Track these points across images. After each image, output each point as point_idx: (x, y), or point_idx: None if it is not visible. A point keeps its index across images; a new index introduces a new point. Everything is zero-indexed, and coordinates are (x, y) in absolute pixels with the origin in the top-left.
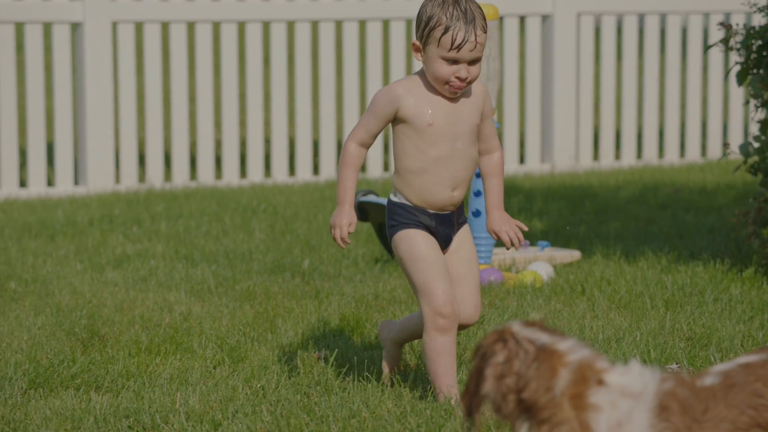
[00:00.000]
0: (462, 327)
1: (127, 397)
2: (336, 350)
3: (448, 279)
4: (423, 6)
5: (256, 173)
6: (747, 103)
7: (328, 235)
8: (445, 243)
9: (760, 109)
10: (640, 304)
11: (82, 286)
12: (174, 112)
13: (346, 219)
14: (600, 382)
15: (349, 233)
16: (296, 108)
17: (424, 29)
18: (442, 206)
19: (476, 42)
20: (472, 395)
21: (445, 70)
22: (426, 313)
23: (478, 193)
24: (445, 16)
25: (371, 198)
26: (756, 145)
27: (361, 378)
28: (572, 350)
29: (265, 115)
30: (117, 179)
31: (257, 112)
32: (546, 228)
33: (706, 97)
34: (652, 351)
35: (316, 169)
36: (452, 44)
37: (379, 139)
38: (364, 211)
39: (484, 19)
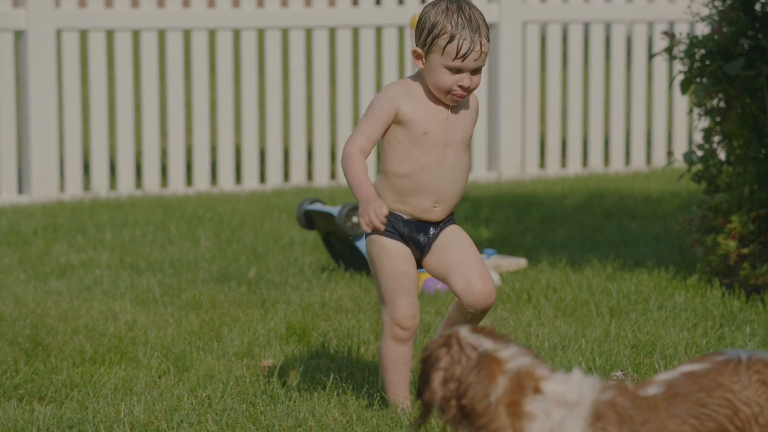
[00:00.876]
0: (483, 309)
1: (71, 408)
2: (282, 359)
3: (414, 292)
4: (425, 13)
5: (202, 181)
6: (691, 111)
7: (275, 243)
8: (419, 250)
9: (703, 118)
10: (586, 312)
11: (26, 296)
12: (119, 120)
13: (377, 202)
14: (537, 390)
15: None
16: (243, 116)
17: (427, 36)
18: (419, 216)
19: (481, 51)
20: (420, 400)
21: (449, 79)
22: (386, 321)
23: None
24: (450, 24)
25: (317, 206)
26: (699, 153)
27: (307, 387)
28: (513, 358)
29: (212, 124)
30: (61, 188)
31: (203, 120)
32: (492, 236)
33: (651, 105)
34: (597, 358)
35: (262, 178)
36: (457, 53)
37: (326, 148)
38: (310, 219)
39: (487, 26)
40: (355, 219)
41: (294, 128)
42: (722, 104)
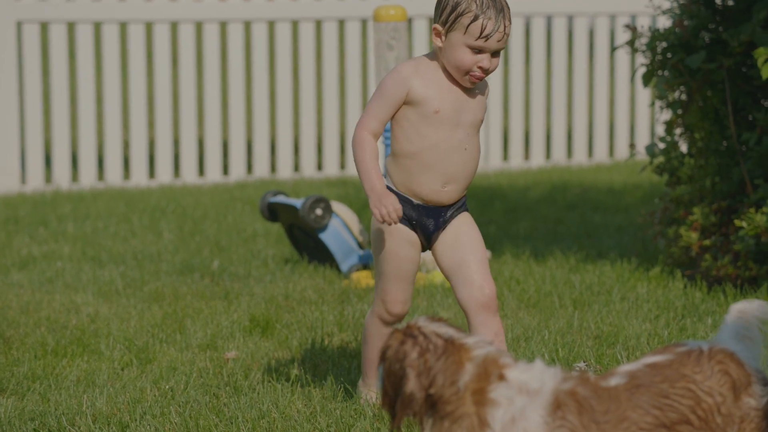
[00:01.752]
0: (485, 310)
1: (33, 400)
2: (246, 351)
3: (411, 278)
4: None
5: (165, 174)
6: (653, 104)
7: (238, 235)
8: (426, 236)
9: (665, 110)
10: (549, 303)
11: None
12: (81, 112)
13: (389, 198)
14: (501, 378)
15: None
16: (205, 109)
17: (450, 14)
18: (429, 200)
19: (504, 32)
20: (392, 399)
21: (469, 59)
22: (376, 299)
23: None
24: (475, 3)
25: (281, 199)
26: (662, 145)
27: (270, 379)
28: (478, 345)
29: (174, 116)
30: (23, 180)
31: (166, 113)
32: None
33: (614, 98)
34: (560, 349)
35: (225, 170)
36: (481, 33)
37: (290, 140)
38: (273, 212)
39: (509, 8)
40: (318, 211)
41: (257, 121)
42: (684, 97)
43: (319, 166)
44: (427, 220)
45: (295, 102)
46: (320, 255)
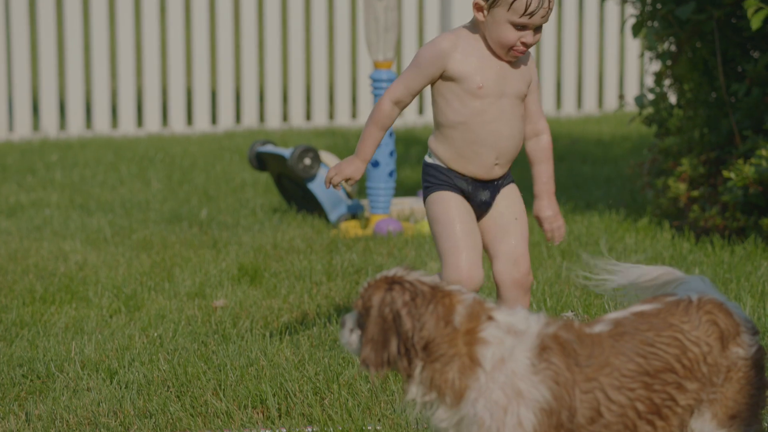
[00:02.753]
0: (517, 288)
1: (21, 346)
2: (234, 299)
3: (475, 248)
4: None
5: (153, 123)
6: (642, 55)
7: (227, 184)
8: (481, 209)
9: (654, 61)
10: (537, 254)
11: None
12: (68, 60)
13: (350, 168)
14: (490, 318)
15: (346, 181)
16: (193, 58)
17: None
18: (482, 174)
19: (548, 8)
20: (379, 344)
21: (512, 35)
22: (448, 277)
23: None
24: None
25: (269, 148)
26: (650, 96)
27: (259, 327)
28: (461, 291)
29: (162, 65)
30: (10, 128)
31: (154, 62)
32: None
33: (603, 49)
34: (548, 299)
35: (214, 119)
36: (525, 10)
37: (278, 90)
38: (262, 161)
39: None
40: (307, 161)
41: (245, 70)
42: (673, 48)
43: (308, 116)
44: (480, 194)
45: (283, 51)
46: (309, 205)
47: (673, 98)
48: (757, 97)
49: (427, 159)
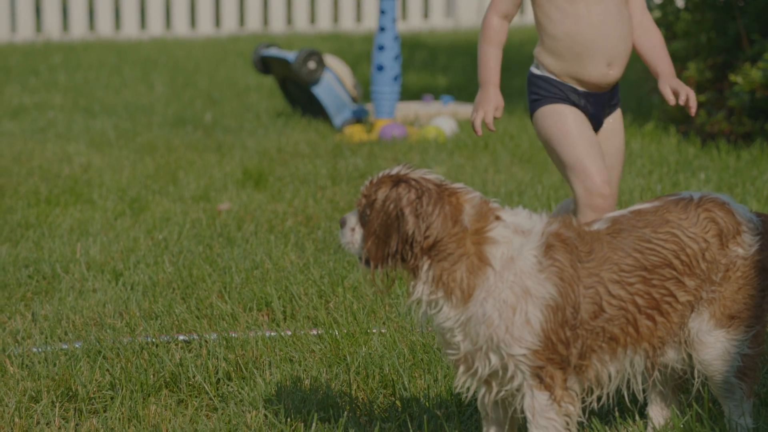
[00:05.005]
0: (598, 214)
1: (27, 247)
2: (238, 203)
3: (602, 157)
4: None
5: (156, 26)
6: None
7: (231, 88)
8: (593, 125)
9: None
10: (542, 159)
11: None
12: None
13: (492, 102)
14: (498, 218)
15: (495, 118)
16: None
17: None
18: (595, 83)
19: None
20: (383, 243)
21: None
22: (580, 192)
23: (381, 47)
24: None
25: (274, 52)
26: (658, 0)
27: (263, 230)
28: (467, 190)
29: None
30: (12, 29)
31: None
32: (450, 83)
33: None
34: (553, 204)
35: (217, 22)
36: None
37: None
38: (266, 64)
39: None
40: (311, 65)
41: None
42: None
43: (312, 19)
44: (593, 109)
45: None
46: (313, 109)
47: (680, 1)
48: (765, 0)
49: (534, 70)
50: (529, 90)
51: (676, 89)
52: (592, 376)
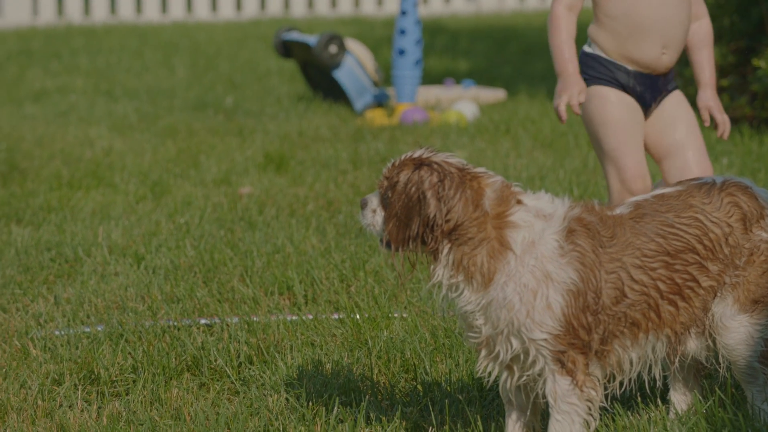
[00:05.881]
0: None
1: (49, 231)
2: (260, 187)
3: (641, 149)
4: None
5: (177, 10)
6: None
7: (252, 72)
8: (642, 105)
9: None
10: (564, 143)
11: (0, 120)
12: None
13: (575, 86)
14: (519, 203)
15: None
16: None
17: None
18: (648, 65)
19: None
20: (405, 225)
21: None
22: (612, 183)
23: (403, 32)
24: None
25: (295, 36)
26: None
27: (285, 214)
28: (488, 174)
29: None
30: (34, 12)
31: None
32: (471, 67)
33: None
34: (575, 188)
35: (239, 6)
36: None
37: None
38: (287, 48)
39: None
40: (332, 49)
41: None
42: None
43: (333, 3)
44: (644, 91)
45: None
46: (334, 93)
47: None
48: None
49: (586, 49)
50: (580, 69)
51: (712, 112)
52: (614, 362)
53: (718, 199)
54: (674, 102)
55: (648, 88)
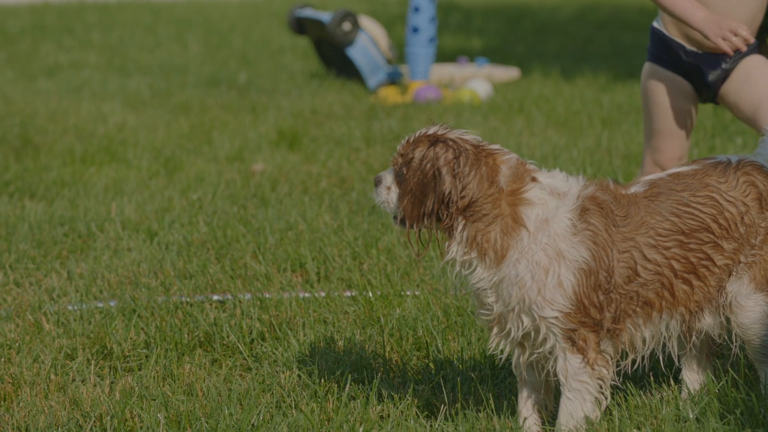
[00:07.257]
0: None
1: (62, 206)
2: (273, 164)
3: (686, 135)
4: None
5: None
6: None
7: (265, 49)
8: (702, 85)
9: None
10: (578, 122)
11: (14, 95)
12: None
13: (727, 20)
14: (534, 180)
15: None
16: None
17: None
18: (711, 46)
19: None
20: (420, 202)
21: None
22: (647, 161)
23: (416, 9)
24: None
25: (309, 12)
26: None
27: (297, 192)
28: (503, 151)
29: None
30: None
31: None
32: (485, 46)
33: None
34: (588, 167)
35: None
36: None
37: None
38: (301, 25)
39: None
40: (346, 26)
41: None
42: None
43: None
44: (705, 70)
45: None
46: (348, 70)
47: None
48: None
49: (654, 23)
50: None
51: None
52: (626, 340)
53: (734, 178)
54: (748, 62)
55: (710, 67)
